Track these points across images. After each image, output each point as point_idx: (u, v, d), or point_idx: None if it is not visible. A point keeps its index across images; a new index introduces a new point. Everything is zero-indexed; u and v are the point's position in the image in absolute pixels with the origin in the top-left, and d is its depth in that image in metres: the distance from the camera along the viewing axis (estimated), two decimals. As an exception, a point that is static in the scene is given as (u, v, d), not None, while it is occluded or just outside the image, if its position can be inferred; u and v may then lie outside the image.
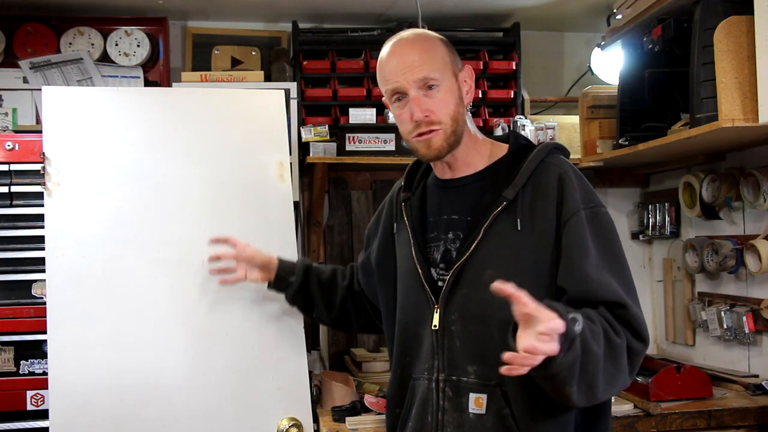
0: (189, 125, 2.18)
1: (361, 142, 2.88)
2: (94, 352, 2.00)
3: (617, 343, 1.40)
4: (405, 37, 1.59)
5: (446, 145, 1.55)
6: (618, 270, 1.49)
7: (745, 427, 2.40)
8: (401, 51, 1.56)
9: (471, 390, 1.51)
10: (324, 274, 1.97)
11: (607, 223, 1.52)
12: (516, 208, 1.51)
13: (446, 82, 1.55)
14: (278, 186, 2.19)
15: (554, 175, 1.53)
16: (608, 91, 3.02)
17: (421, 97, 1.53)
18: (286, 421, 2.03)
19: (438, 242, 1.60)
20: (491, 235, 1.51)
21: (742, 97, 2.17)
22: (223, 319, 2.07)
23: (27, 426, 2.27)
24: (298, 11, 3.11)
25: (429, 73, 1.53)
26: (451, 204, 1.61)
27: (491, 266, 1.49)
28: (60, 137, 2.10)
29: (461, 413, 1.52)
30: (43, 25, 2.97)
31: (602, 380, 1.38)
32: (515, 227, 1.50)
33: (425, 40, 1.58)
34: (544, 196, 1.50)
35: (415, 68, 1.53)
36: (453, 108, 1.55)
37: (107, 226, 2.07)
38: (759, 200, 2.55)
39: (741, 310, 2.68)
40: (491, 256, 1.51)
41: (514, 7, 3.11)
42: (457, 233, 1.57)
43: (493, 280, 1.36)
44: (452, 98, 1.56)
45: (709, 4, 2.27)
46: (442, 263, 1.58)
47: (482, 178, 1.60)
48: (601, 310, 1.43)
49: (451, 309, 1.54)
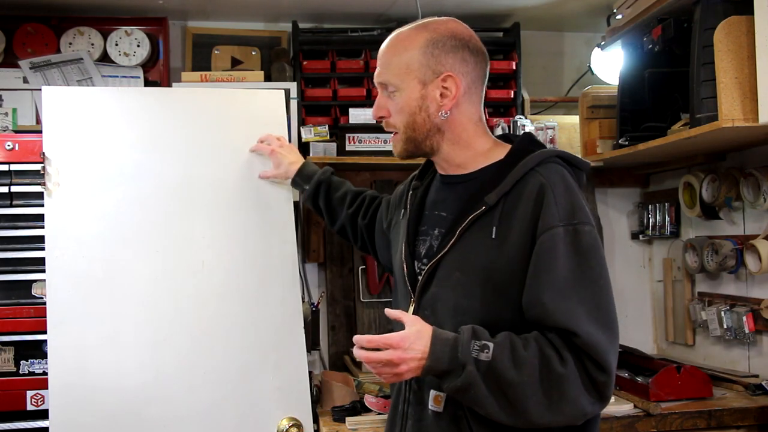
0: (189, 125, 2.18)
1: (361, 142, 2.88)
2: (94, 352, 2.00)
3: (558, 372, 1.36)
4: (393, 34, 1.61)
5: (404, 149, 1.59)
6: (588, 294, 1.40)
7: (745, 427, 2.40)
8: (382, 48, 1.60)
9: (432, 387, 1.52)
10: (336, 192, 2.13)
11: (587, 242, 1.42)
12: (494, 215, 1.47)
13: (407, 90, 1.54)
14: (278, 186, 2.19)
15: (536, 186, 1.45)
16: (608, 91, 3.02)
17: (380, 98, 1.60)
18: (286, 421, 2.03)
19: (426, 236, 1.61)
20: (466, 239, 1.49)
21: (742, 97, 2.17)
22: (223, 319, 2.07)
23: (27, 426, 2.27)
24: (298, 11, 3.11)
25: (386, 79, 1.57)
26: (444, 201, 1.62)
27: (461, 269, 1.49)
28: (60, 137, 2.10)
29: (422, 408, 1.54)
30: (43, 25, 2.97)
31: (534, 407, 1.36)
32: (490, 235, 1.46)
33: (400, 42, 1.57)
34: (524, 207, 1.45)
35: (380, 69, 1.59)
36: (407, 116, 1.56)
37: (107, 226, 2.07)
38: (759, 200, 2.55)
39: (741, 310, 2.68)
40: (462, 259, 1.49)
41: (514, 7, 3.11)
42: (441, 231, 1.57)
43: (459, 283, 1.45)
44: (410, 106, 1.55)
45: (709, 4, 2.27)
46: (425, 258, 1.59)
47: (473, 178, 1.58)
48: (552, 336, 1.39)
49: (424, 304, 1.55)
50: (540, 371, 1.36)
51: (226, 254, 2.11)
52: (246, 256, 2.12)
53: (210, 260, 2.10)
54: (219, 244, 2.11)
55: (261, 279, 2.12)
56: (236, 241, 2.13)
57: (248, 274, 2.12)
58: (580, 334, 1.36)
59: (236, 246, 2.13)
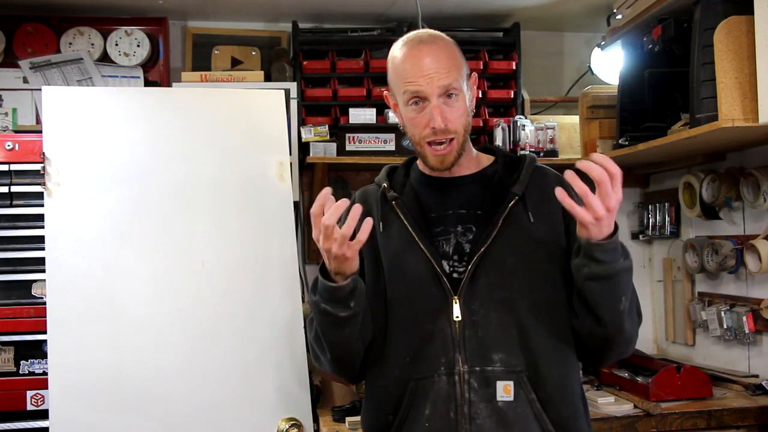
0: (189, 125, 2.19)
1: (361, 142, 2.88)
2: (94, 352, 2.00)
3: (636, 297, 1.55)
4: (426, 40, 1.58)
5: (457, 156, 1.59)
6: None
7: (745, 427, 2.40)
8: (425, 54, 1.55)
9: (498, 378, 1.52)
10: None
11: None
12: (526, 203, 1.59)
13: (462, 92, 1.57)
14: (278, 186, 2.19)
15: (552, 176, 1.64)
16: (608, 91, 3.02)
17: (441, 106, 1.54)
18: (286, 421, 2.03)
19: (447, 236, 1.61)
20: (505, 228, 1.56)
21: (742, 97, 2.17)
22: (222, 319, 2.07)
23: (27, 426, 2.27)
24: (298, 11, 3.11)
25: (453, 82, 1.54)
26: (455, 200, 1.63)
27: (512, 254, 1.56)
28: (60, 137, 2.10)
29: (489, 403, 1.51)
30: (43, 25, 2.97)
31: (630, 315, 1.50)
32: (528, 219, 1.58)
33: (448, 46, 1.59)
34: (548, 195, 1.53)
35: (441, 75, 1.53)
36: (465, 118, 1.59)
37: (107, 226, 2.07)
38: (759, 200, 2.55)
39: (741, 310, 2.68)
40: (510, 245, 1.56)
41: (514, 7, 3.11)
42: (468, 226, 1.60)
43: (517, 266, 1.53)
44: (465, 108, 1.59)
45: (709, 4, 2.27)
46: (455, 255, 1.59)
47: (481, 178, 1.65)
48: None
49: (472, 299, 1.54)
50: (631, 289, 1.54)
51: (226, 254, 2.11)
52: (246, 256, 2.12)
53: (210, 260, 2.10)
54: (219, 244, 2.11)
55: (261, 279, 2.12)
56: (236, 241, 2.13)
57: (248, 274, 2.12)
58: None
59: (236, 246, 2.13)
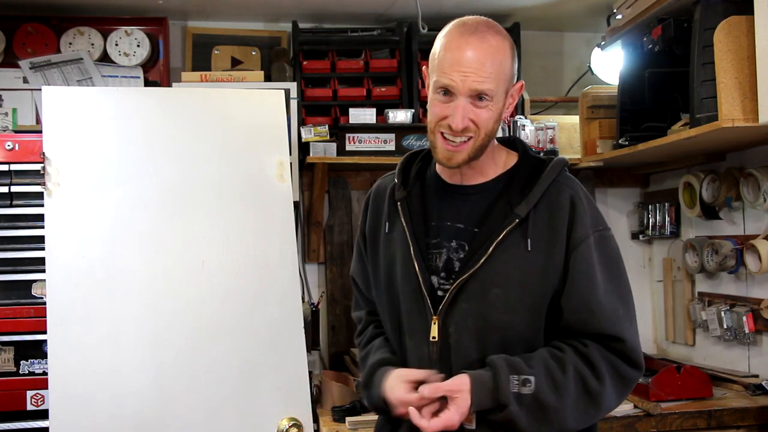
0: (189, 125, 2.18)
1: (361, 142, 2.88)
2: (94, 352, 2.00)
3: (595, 391, 1.45)
4: (478, 35, 1.48)
5: (468, 158, 1.49)
6: (623, 296, 1.51)
7: (745, 427, 2.40)
8: (470, 50, 1.45)
9: None
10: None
11: (614, 247, 1.53)
12: (527, 227, 1.47)
13: (496, 99, 1.47)
14: (278, 186, 2.19)
15: (566, 197, 1.49)
16: (608, 91, 3.02)
17: (468, 106, 1.45)
18: (286, 421, 2.03)
19: (440, 249, 1.54)
20: (500, 253, 1.47)
21: (742, 97, 2.18)
22: (222, 319, 2.07)
23: (27, 426, 2.27)
24: (298, 11, 3.11)
25: (487, 88, 1.44)
26: (456, 211, 1.55)
27: (497, 284, 1.47)
28: (60, 137, 2.10)
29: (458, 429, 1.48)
30: (43, 25, 2.97)
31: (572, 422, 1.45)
32: (525, 247, 1.47)
33: (499, 50, 1.48)
34: (556, 218, 1.47)
35: (478, 78, 1.44)
36: (491, 125, 1.48)
37: (107, 226, 2.07)
38: (759, 200, 2.55)
39: (741, 310, 2.68)
40: (498, 273, 1.47)
41: (514, 7, 3.11)
42: (461, 243, 1.52)
43: (499, 299, 1.44)
44: (495, 115, 1.48)
45: (709, 4, 2.28)
46: (443, 272, 1.53)
47: (492, 188, 1.55)
48: (588, 347, 1.46)
49: (449, 321, 1.50)
50: (578, 392, 1.44)
51: (226, 254, 2.11)
52: (246, 256, 2.12)
53: (210, 260, 2.10)
54: (219, 244, 2.11)
55: (261, 279, 2.12)
56: (236, 241, 2.13)
57: (248, 274, 2.11)
58: (626, 340, 1.47)
59: (236, 246, 2.12)
